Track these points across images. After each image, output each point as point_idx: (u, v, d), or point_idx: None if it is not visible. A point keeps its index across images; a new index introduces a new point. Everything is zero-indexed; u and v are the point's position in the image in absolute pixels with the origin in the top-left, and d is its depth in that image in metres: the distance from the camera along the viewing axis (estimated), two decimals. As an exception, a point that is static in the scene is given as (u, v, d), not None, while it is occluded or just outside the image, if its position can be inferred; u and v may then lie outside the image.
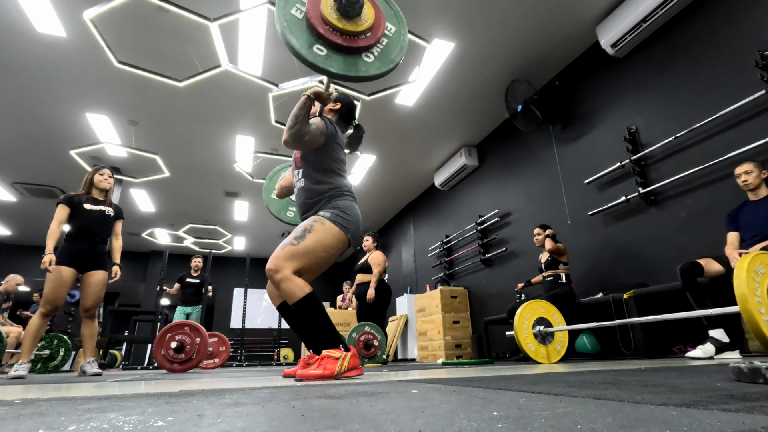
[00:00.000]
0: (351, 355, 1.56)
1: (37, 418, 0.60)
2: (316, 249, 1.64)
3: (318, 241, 1.64)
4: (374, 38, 1.78)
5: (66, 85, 4.30)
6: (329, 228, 1.68)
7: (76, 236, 2.92)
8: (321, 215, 1.72)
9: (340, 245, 1.72)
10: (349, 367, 1.54)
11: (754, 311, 1.34)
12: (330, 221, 1.70)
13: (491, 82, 4.49)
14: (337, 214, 1.72)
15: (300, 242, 1.62)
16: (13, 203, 7.14)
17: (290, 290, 1.56)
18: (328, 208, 1.75)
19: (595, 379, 1.07)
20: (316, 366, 1.51)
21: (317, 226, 1.67)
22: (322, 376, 1.46)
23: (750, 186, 2.39)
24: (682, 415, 0.47)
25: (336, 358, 1.52)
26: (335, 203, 1.77)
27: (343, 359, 1.53)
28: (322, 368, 1.49)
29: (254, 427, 0.48)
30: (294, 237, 1.64)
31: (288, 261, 1.59)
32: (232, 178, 6.54)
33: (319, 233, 1.65)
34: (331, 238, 1.68)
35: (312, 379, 1.45)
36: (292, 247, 1.61)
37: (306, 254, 1.62)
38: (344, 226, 1.72)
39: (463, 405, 0.63)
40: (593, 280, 3.68)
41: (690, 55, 3.10)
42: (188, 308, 5.54)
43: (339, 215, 1.73)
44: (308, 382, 1.39)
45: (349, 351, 1.57)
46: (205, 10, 3.21)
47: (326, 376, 1.47)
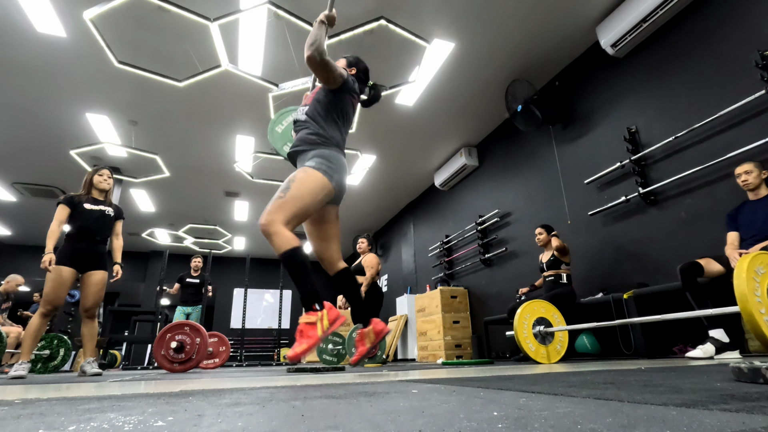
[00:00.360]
0: (327, 310, 1.58)
1: (37, 418, 0.60)
2: (302, 195, 1.69)
3: (301, 188, 1.70)
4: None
5: (66, 85, 4.30)
6: (311, 174, 1.74)
7: (76, 236, 2.92)
8: (305, 165, 1.79)
9: (325, 192, 1.77)
10: (330, 322, 1.56)
11: (754, 311, 1.34)
12: (313, 168, 1.76)
13: (491, 82, 4.49)
14: (320, 162, 1.79)
15: (286, 193, 1.68)
16: (13, 203, 7.14)
17: (279, 243, 1.59)
18: (313, 157, 1.81)
19: (595, 379, 1.07)
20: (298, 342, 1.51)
21: (300, 175, 1.74)
22: (309, 347, 1.48)
23: (750, 186, 2.39)
24: (682, 415, 0.47)
25: (313, 323, 1.53)
26: (320, 151, 1.83)
27: (321, 320, 1.54)
28: (306, 339, 1.49)
29: (254, 427, 0.48)
30: (280, 190, 1.70)
31: (277, 214, 1.63)
32: (232, 178, 6.54)
33: (301, 181, 1.72)
34: (314, 182, 1.73)
35: (302, 354, 1.46)
36: (279, 200, 1.67)
37: (293, 203, 1.67)
38: (327, 172, 1.77)
39: (463, 405, 0.63)
40: (593, 280, 3.68)
41: (690, 55, 3.10)
42: (188, 308, 5.54)
43: (322, 163, 1.79)
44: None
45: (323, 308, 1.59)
46: (205, 10, 3.22)
47: (312, 345, 1.49)
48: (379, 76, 4.28)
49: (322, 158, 1.80)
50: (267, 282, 10.79)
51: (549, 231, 3.72)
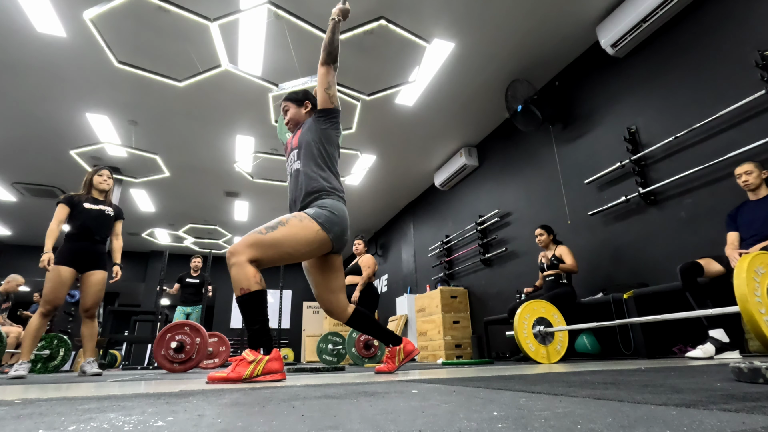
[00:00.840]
0: (270, 359, 1.51)
1: (37, 418, 0.60)
2: (284, 244, 1.58)
3: (288, 236, 1.59)
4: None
5: (66, 85, 4.30)
6: (306, 225, 1.63)
7: (76, 236, 2.92)
8: (304, 212, 1.69)
9: (317, 245, 1.66)
10: (265, 371, 1.48)
11: (754, 311, 1.34)
12: (311, 218, 1.65)
13: (491, 82, 4.49)
14: (320, 213, 1.68)
15: (268, 232, 1.57)
16: (13, 203, 7.14)
17: (238, 277, 1.51)
18: (315, 206, 1.72)
19: (595, 379, 1.07)
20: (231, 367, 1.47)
21: (293, 221, 1.62)
22: (226, 378, 1.42)
23: (750, 186, 2.39)
24: (682, 415, 0.47)
25: (250, 361, 1.47)
26: (323, 201, 1.74)
27: (257, 363, 1.48)
28: (233, 372, 1.44)
29: (254, 427, 0.48)
30: (265, 226, 1.60)
31: (248, 248, 1.53)
32: (232, 178, 6.55)
33: (292, 228, 1.60)
34: (305, 235, 1.61)
35: (218, 381, 1.41)
36: (258, 235, 1.56)
37: (270, 246, 1.56)
38: (326, 226, 1.66)
39: (463, 405, 0.63)
40: (593, 280, 3.68)
41: (690, 55, 3.10)
42: (188, 308, 5.54)
43: (323, 214, 1.68)
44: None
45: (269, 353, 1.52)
46: (205, 10, 3.21)
47: (231, 378, 1.42)
48: (379, 76, 4.28)
49: (323, 209, 1.70)
50: (267, 282, 10.56)
51: (549, 231, 3.72)
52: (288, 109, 2.04)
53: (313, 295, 1.98)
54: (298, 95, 2.05)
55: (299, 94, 2.05)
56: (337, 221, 1.71)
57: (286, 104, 2.05)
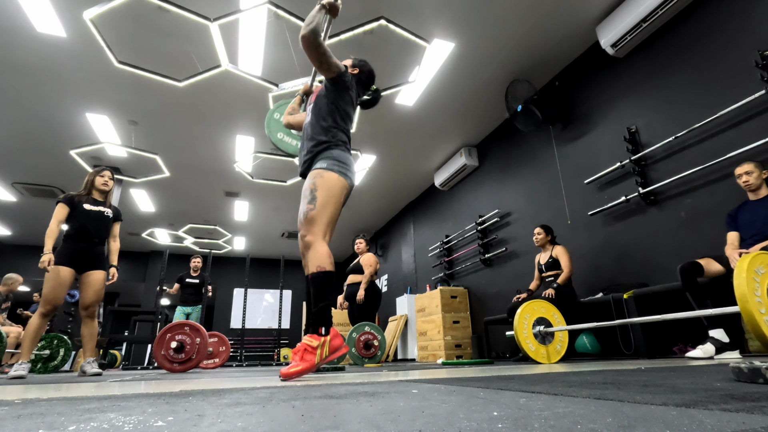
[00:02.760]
0: (331, 338, 1.57)
1: (37, 418, 0.60)
2: (329, 201, 1.74)
3: (328, 195, 1.74)
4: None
5: (66, 85, 4.30)
6: (330, 177, 1.77)
7: (75, 236, 2.92)
8: (318, 168, 1.80)
9: (345, 191, 1.82)
10: (331, 350, 1.55)
11: (754, 311, 1.34)
12: (329, 171, 1.78)
13: (491, 82, 4.49)
14: (333, 163, 1.81)
15: (314, 203, 1.71)
16: (13, 203, 7.14)
17: (315, 259, 1.63)
18: (324, 159, 1.83)
19: (595, 379, 1.07)
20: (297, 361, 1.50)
21: (319, 182, 1.76)
22: (303, 370, 1.46)
23: (751, 186, 2.38)
24: (682, 415, 0.47)
25: (314, 347, 1.52)
26: (330, 153, 1.85)
27: (322, 346, 1.53)
28: (302, 362, 1.48)
29: (254, 427, 0.48)
30: (307, 202, 1.73)
31: (316, 226, 1.68)
32: (232, 178, 6.54)
33: (324, 188, 1.75)
34: (336, 185, 1.77)
35: (295, 375, 1.45)
36: (311, 213, 1.70)
37: (324, 210, 1.71)
38: (343, 172, 1.81)
39: (463, 405, 0.63)
40: (593, 280, 3.68)
41: (690, 55, 3.10)
42: (188, 308, 5.54)
43: (335, 164, 1.81)
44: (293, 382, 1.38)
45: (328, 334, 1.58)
46: (205, 10, 3.21)
47: (307, 369, 1.47)
48: (379, 76, 4.28)
49: (333, 159, 1.82)
50: (267, 282, 10.79)
51: (548, 232, 3.72)
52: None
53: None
54: None
55: None
56: (349, 168, 1.87)
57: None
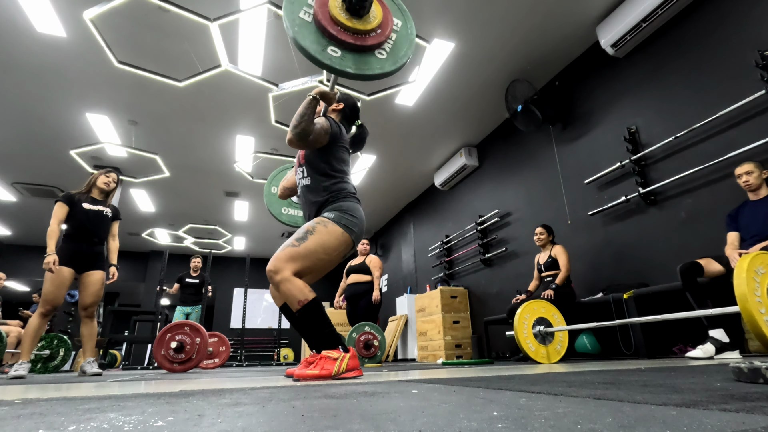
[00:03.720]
0: (350, 356, 1.55)
1: (37, 418, 0.60)
2: (318, 250, 1.62)
3: (319, 242, 1.62)
4: (384, 35, 1.74)
5: (66, 85, 4.30)
6: (332, 230, 1.66)
7: (74, 236, 2.91)
8: (325, 216, 1.71)
9: (343, 247, 1.70)
10: (348, 367, 1.53)
11: (754, 311, 1.34)
12: (333, 222, 1.68)
13: (491, 82, 4.49)
14: (341, 216, 1.71)
15: (301, 243, 1.61)
16: (13, 203, 7.14)
17: (289, 292, 1.55)
18: (332, 210, 1.73)
19: (595, 379, 1.07)
20: (314, 366, 1.51)
21: (319, 228, 1.65)
22: (318, 376, 1.46)
23: (751, 186, 2.38)
24: (682, 415, 0.47)
25: (334, 359, 1.52)
26: (339, 204, 1.75)
27: (341, 360, 1.52)
28: (320, 368, 1.48)
29: (254, 427, 0.48)
30: (295, 238, 1.63)
31: (288, 262, 1.57)
32: (232, 178, 6.54)
33: (321, 234, 1.64)
34: (334, 239, 1.66)
35: (309, 378, 1.45)
36: (292, 248, 1.60)
37: (307, 256, 1.60)
38: (348, 227, 1.70)
39: (463, 405, 0.63)
40: (593, 280, 3.68)
41: (690, 55, 3.10)
42: (188, 308, 5.54)
43: (343, 216, 1.71)
44: (307, 382, 1.39)
45: (348, 352, 1.56)
46: (205, 10, 3.21)
47: (323, 376, 1.47)
48: (379, 76, 4.27)
49: (342, 212, 1.72)
50: (267, 282, 10.67)
51: (549, 232, 3.72)
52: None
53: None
54: None
55: None
56: (356, 222, 1.75)
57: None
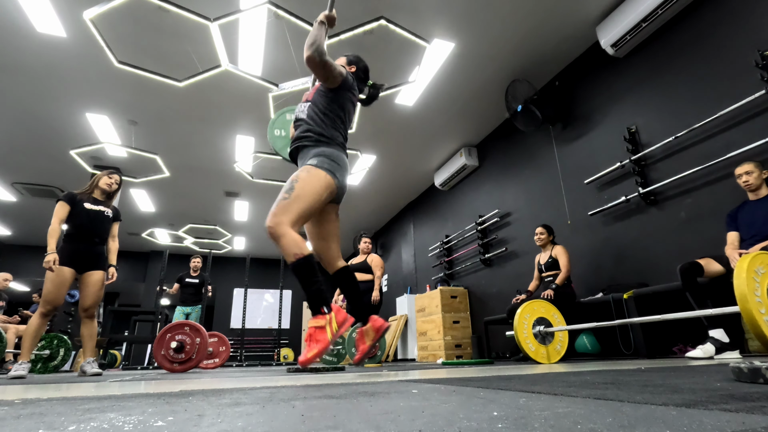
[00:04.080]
0: (335, 314, 1.59)
1: (37, 418, 0.60)
2: (306, 194, 1.68)
3: (305, 187, 1.69)
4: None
5: (66, 85, 4.30)
6: (314, 173, 1.73)
7: (75, 236, 2.91)
8: (309, 164, 1.77)
9: (329, 189, 1.77)
10: (338, 324, 1.58)
11: (754, 311, 1.34)
12: (315, 167, 1.75)
13: (491, 82, 4.49)
14: (323, 160, 1.78)
15: (291, 194, 1.67)
16: (13, 203, 7.14)
17: (287, 245, 1.59)
18: (314, 155, 1.80)
19: (595, 379, 1.07)
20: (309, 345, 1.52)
21: (302, 175, 1.72)
22: (320, 351, 1.49)
23: (751, 187, 2.38)
24: (682, 415, 0.47)
25: (322, 326, 1.55)
26: (322, 149, 1.82)
27: (329, 323, 1.56)
28: (316, 344, 1.51)
29: (254, 427, 0.48)
30: (284, 191, 1.69)
31: (283, 215, 1.63)
32: (232, 178, 6.54)
33: (305, 180, 1.71)
34: (317, 181, 1.73)
35: (314, 358, 1.48)
36: (284, 201, 1.66)
37: (297, 202, 1.66)
38: (330, 170, 1.77)
39: (463, 405, 0.63)
40: (593, 280, 3.68)
41: (690, 55, 3.10)
42: (187, 308, 5.54)
43: (324, 161, 1.78)
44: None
45: (330, 311, 1.60)
46: (205, 10, 3.22)
47: (323, 348, 1.50)
48: (379, 76, 4.28)
49: (325, 156, 1.79)
50: (267, 282, 10.79)
51: (550, 232, 3.72)
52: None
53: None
54: None
55: None
56: (339, 167, 1.81)
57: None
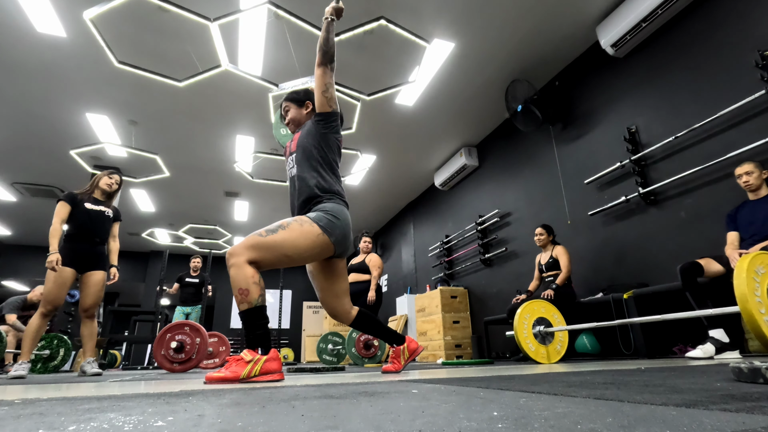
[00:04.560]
0: (268, 359, 1.50)
1: (37, 418, 0.60)
2: (284, 247, 1.57)
3: (288, 239, 1.58)
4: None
5: (66, 85, 4.30)
6: (307, 230, 1.62)
7: (75, 236, 2.92)
8: (306, 216, 1.67)
9: (318, 249, 1.65)
10: (262, 371, 1.47)
11: (754, 311, 1.34)
12: (313, 222, 1.64)
13: (491, 82, 4.49)
14: (321, 217, 1.67)
15: (268, 235, 1.56)
16: (13, 203, 7.14)
17: (237, 278, 1.50)
18: (316, 210, 1.71)
19: (595, 379, 1.07)
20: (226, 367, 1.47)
21: (294, 225, 1.61)
22: (224, 378, 1.41)
23: (751, 186, 2.38)
24: (682, 415, 0.47)
25: (247, 361, 1.47)
26: (324, 205, 1.72)
27: (254, 362, 1.47)
28: (230, 371, 1.44)
29: (254, 427, 0.48)
30: (266, 229, 1.59)
31: (247, 249, 1.52)
32: (232, 178, 6.55)
33: (293, 232, 1.59)
34: (305, 240, 1.61)
35: (216, 381, 1.40)
36: (258, 237, 1.55)
37: (269, 249, 1.55)
38: (328, 229, 1.66)
39: (463, 405, 0.63)
40: (593, 280, 3.68)
41: (690, 55, 3.10)
42: (187, 308, 5.54)
43: (324, 218, 1.67)
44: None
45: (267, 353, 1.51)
46: (205, 10, 3.21)
47: (229, 378, 1.41)
48: (379, 76, 4.28)
49: (325, 213, 1.68)
50: (267, 282, 10.69)
51: (549, 232, 3.72)
52: (288, 110, 2.00)
53: (313, 294, 1.98)
54: (299, 95, 2.00)
55: (300, 94, 2.00)
56: (339, 225, 1.70)
57: (287, 104, 2.01)
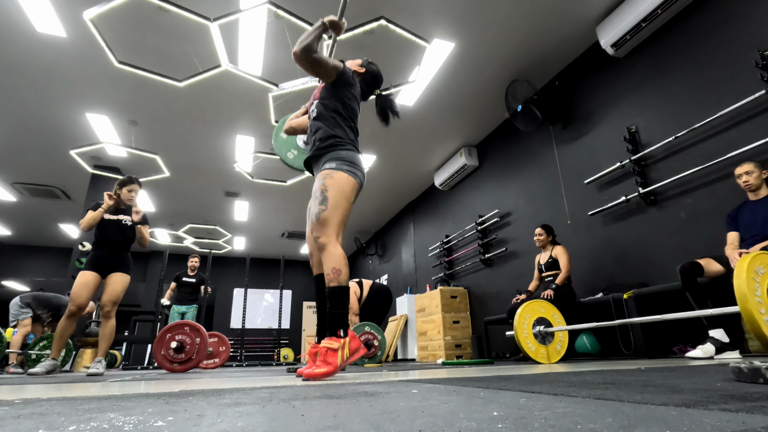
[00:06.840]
0: (350, 339, 1.59)
1: (37, 418, 0.60)
2: (340, 202, 1.74)
3: (338, 195, 1.74)
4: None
5: (66, 85, 4.30)
6: (340, 178, 1.77)
7: (97, 243, 3.15)
8: (327, 169, 1.79)
9: (356, 190, 1.84)
10: (351, 351, 1.57)
11: (754, 311, 1.34)
12: (338, 171, 1.78)
13: (491, 82, 4.49)
14: (342, 163, 1.81)
15: (327, 204, 1.72)
16: (13, 203, 7.14)
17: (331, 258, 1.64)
18: (333, 159, 1.82)
19: (595, 379, 1.07)
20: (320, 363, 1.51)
21: (329, 182, 1.75)
22: (328, 373, 1.47)
23: (751, 187, 2.38)
24: (682, 415, 0.47)
25: (335, 349, 1.53)
26: (338, 153, 1.84)
27: (342, 348, 1.55)
28: (326, 365, 1.50)
29: (254, 427, 0.48)
30: (319, 202, 1.73)
31: (329, 227, 1.69)
32: (232, 178, 6.54)
33: (334, 188, 1.75)
34: (345, 185, 1.78)
35: (320, 377, 1.46)
36: (324, 213, 1.71)
37: (336, 211, 1.72)
38: (352, 171, 1.81)
39: (463, 405, 0.63)
40: (593, 280, 3.68)
41: (690, 55, 3.10)
42: (183, 307, 5.55)
43: (344, 164, 1.81)
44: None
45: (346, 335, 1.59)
46: (205, 10, 3.21)
47: (332, 372, 1.49)
48: (379, 76, 4.27)
49: (341, 160, 1.82)
50: (267, 282, 10.79)
51: (549, 232, 3.72)
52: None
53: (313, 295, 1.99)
54: None
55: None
56: (356, 167, 1.86)
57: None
